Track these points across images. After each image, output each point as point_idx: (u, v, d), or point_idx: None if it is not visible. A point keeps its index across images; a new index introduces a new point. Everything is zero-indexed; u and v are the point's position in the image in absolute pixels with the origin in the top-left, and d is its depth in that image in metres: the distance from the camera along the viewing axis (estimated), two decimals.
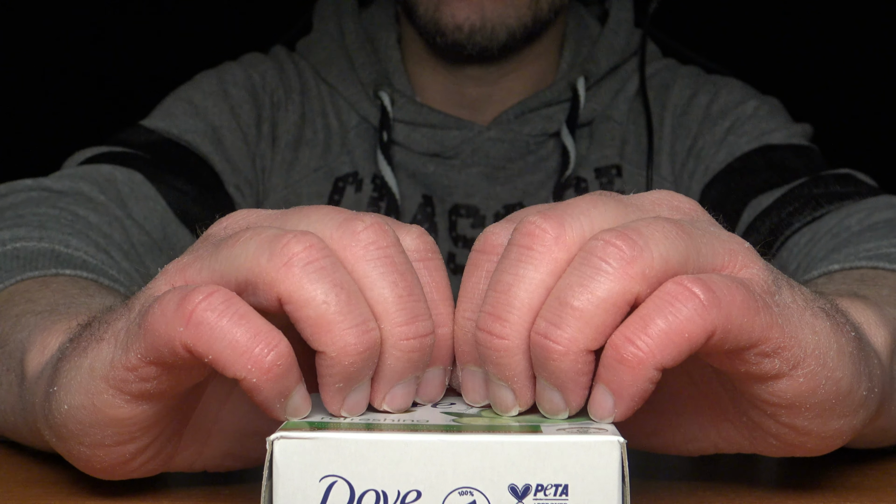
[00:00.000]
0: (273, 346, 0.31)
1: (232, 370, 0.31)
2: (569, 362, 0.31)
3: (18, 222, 0.58)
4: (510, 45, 0.78)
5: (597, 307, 0.30)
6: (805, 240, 0.68)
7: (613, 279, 0.30)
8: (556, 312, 0.31)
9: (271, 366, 0.31)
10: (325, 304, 0.31)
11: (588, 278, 0.30)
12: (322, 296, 0.31)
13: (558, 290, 0.31)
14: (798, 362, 0.32)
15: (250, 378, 0.31)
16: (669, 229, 0.32)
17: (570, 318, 0.30)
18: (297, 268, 0.31)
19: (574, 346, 0.30)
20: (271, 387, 0.31)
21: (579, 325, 0.30)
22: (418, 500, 0.30)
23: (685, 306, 0.30)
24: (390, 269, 0.32)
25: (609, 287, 0.30)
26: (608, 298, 0.30)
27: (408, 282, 0.32)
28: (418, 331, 0.32)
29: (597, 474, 0.30)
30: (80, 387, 0.34)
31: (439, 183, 0.81)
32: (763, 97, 0.83)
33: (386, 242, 0.32)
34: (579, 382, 0.31)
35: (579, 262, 0.31)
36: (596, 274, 0.30)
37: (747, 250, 0.33)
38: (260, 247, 0.31)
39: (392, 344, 0.32)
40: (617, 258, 0.30)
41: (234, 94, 0.82)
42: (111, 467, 0.36)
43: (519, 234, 0.32)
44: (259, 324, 0.31)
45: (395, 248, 0.33)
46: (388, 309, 0.32)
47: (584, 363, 0.31)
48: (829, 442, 0.35)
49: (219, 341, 0.30)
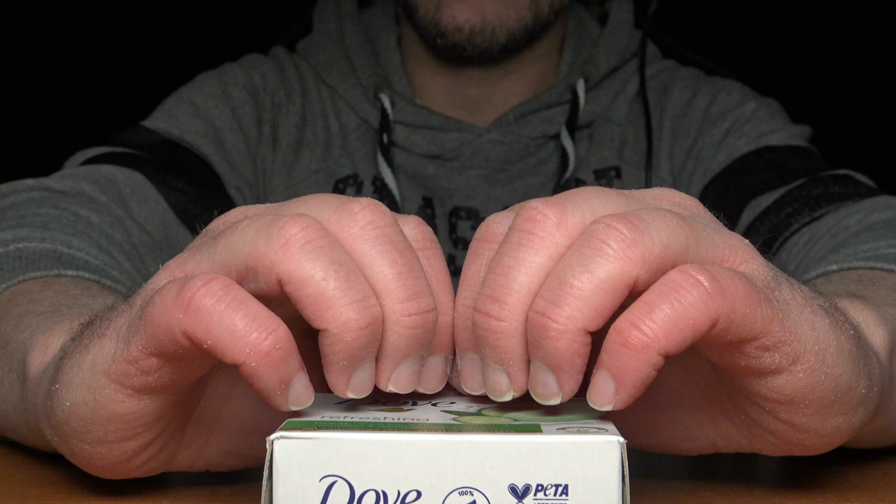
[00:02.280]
0: (271, 331, 0.31)
1: (231, 355, 0.31)
2: (566, 341, 0.31)
3: (21, 223, 0.58)
4: (510, 47, 0.78)
5: (596, 287, 0.30)
6: (804, 240, 0.68)
7: (614, 261, 0.30)
8: (556, 291, 0.31)
9: (270, 349, 0.31)
10: (324, 282, 0.31)
11: (588, 259, 0.31)
12: (321, 273, 0.31)
13: (558, 270, 0.31)
14: (797, 357, 0.33)
15: (249, 362, 0.31)
16: (670, 219, 0.32)
17: (569, 297, 0.30)
18: (295, 248, 0.31)
19: (572, 325, 0.30)
20: (271, 372, 0.31)
21: (578, 303, 0.30)
22: (418, 500, 0.30)
23: (690, 293, 0.30)
24: (389, 247, 0.32)
25: (609, 268, 0.30)
26: (608, 279, 0.30)
27: (407, 259, 0.32)
28: (420, 307, 0.32)
29: (597, 474, 0.30)
30: (82, 383, 0.34)
31: (439, 185, 0.81)
32: (762, 99, 0.83)
33: (383, 222, 0.33)
34: (574, 364, 0.31)
35: (580, 244, 0.31)
36: (596, 255, 0.31)
37: (747, 246, 0.34)
38: (258, 232, 0.32)
39: (394, 321, 0.32)
40: (618, 240, 0.31)
41: (235, 96, 0.82)
42: (113, 465, 0.36)
43: (520, 219, 0.32)
44: (257, 309, 0.31)
45: (392, 227, 0.33)
46: (388, 286, 0.32)
47: (581, 344, 0.31)
48: (827, 440, 0.36)
49: (217, 326, 0.31)
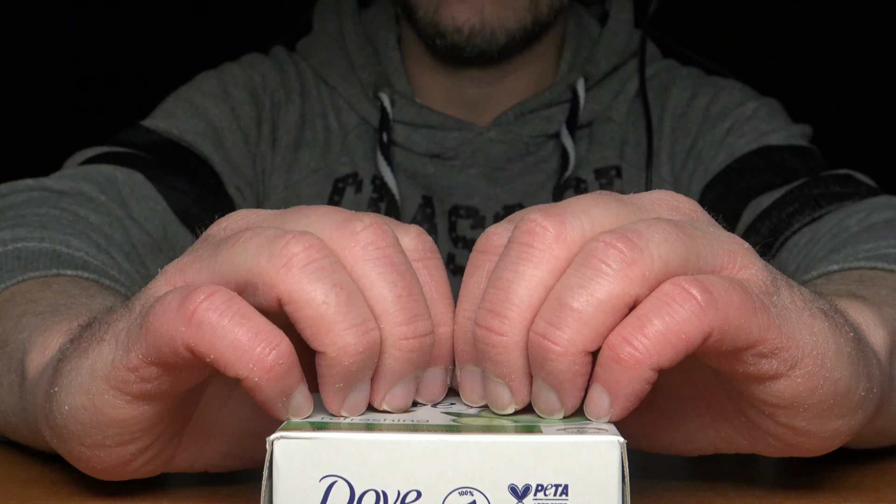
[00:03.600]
0: (274, 346, 0.31)
1: (234, 370, 0.31)
2: (566, 363, 0.31)
3: (20, 222, 0.58)
4: (509, 48, 0.78)
5: (596, 309, 0.30)
6: (805, 240, 0.68)
7: (613, 281, 0.30)
8: (556, 313, 0.31)
9: (273, 365, 0.31)
10: (324, 305, 0.31)
11: (588, 280, 0.31)
12: (322, 296, 0.31)
13: (558, 290, 0.31)
14: (796, 363, 0.32)
15: (252, 377, 0.31)
16: (670, 231, 0.32)
17: (569, 320, 0.30)
18: (297, 268, 0.31)
19: (572, 347, 0.31)
20: (273, 386, 0.31)
21: (578, 326, 0.30)
22: (418, 500, 0.30)
23: (682, 307, 0.30)
24: (389, 269, 0.32)
25: (609, 289, 0.30)
26: (607, 300, 0.30)
27: (407, 281, 0.32)
28: (417, 330, 0.32)
29: (597, 474, 0.30)
30: (81, 388, 0.34)
31: (439, 184, 0.81)
32: (762, 98, 0.83)
33: (385, 242, 0.32)
34: (576, 383, 0.31)
35: (579, 264, 0.31)
36: (596, 276, 0.30)
37: (746, 251, 0.33)
38: (259, 247, 0.31)
39: (391, 344, 0.32)
40: (617, 260, 0.30)
41: (235, 95, 0.82)
42: (112, 468, 0.36)
43: (520, 231, 0.32)
44: (260, 323, 0.31)
45: (393, 248, 0.33)
46: (387, 308, 0.32)
47: (582, 364, 0.31)
48: (827, 442, 0.36)
49: (220, 341, 0.30)
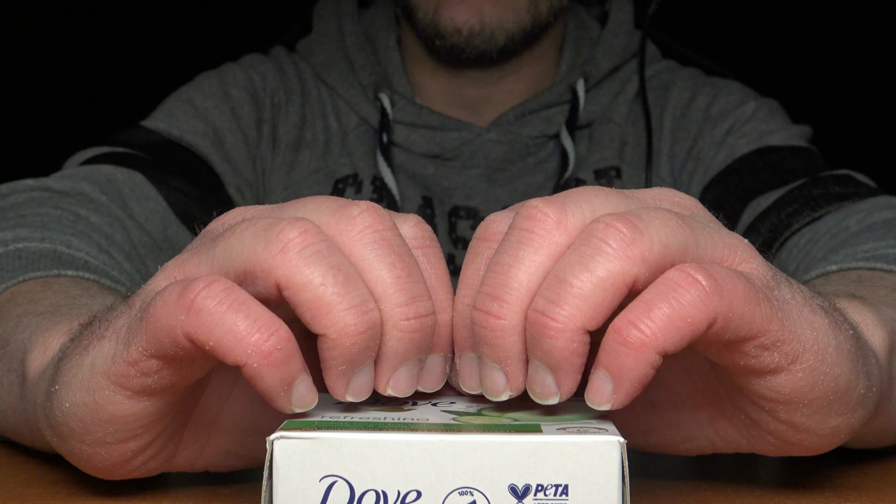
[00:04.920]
0: (273, 332, 0.31)
1: (232, 356, 0.31)
2: (565, 340, 0.31)
3: (20, 223, 0.58)
4: (509, 49, 0.78)
5: (595, 286, 0.30)
6: (804, 241, 0.68)
7: (613, 260, 0.30)
8: (555, 290, 0.31)
9: (271, 350, 0.31)
10: (322, 287, 0.31)
11: (588, 258, 0.31)
12: (319, 278, 0.31)
13: (558, 269, 0.31)
14: (797, 357, 0.33)
15: (251, 363, 0.31)
16: (670, 218, 0.32)
17: (568, 296, 0.30)
18: (293, 252, 0.31)
19: (571, 324, 0.30)
20: (273, 373, 0.31)
21: (577, 302, 0.30)
22: (418, 500, 0.30)
23: (688, 292, 0.30)
24: (387, 251, 0.32)
25: (609, 267, 0.30)
26: (607, 278, 0.30)
27: (406, 263, 0.32)
28: (418, 311, 0.32)
29: (597, 474, 0.30)
30: (82, 384, 0.34)
31: (439, 184, 0.81)
32: (762, 99, 0.83)
33: (382, 226, 0.32)
34: (573, 364, 0.31)
35: (580, 243, 0.31)
36: (596, 254, 0.31)
37: (746, 246, 0.34)
38: (256, 235, 0.32)
39: (393, 325, 0.32)
40: (617, 239, 0.31)
41: (235, 96, 0.82)
42: (112, 466, 0.36)
43: (520, 217, 0.32)
44: (259, 310, 0.31)
45: (391, 231, 0.33)
46: (386, 290, 0.32)
47: (580, 343, 0.31)
48: (827, 440, 0.36)
49: (219, 328, 0.31)
